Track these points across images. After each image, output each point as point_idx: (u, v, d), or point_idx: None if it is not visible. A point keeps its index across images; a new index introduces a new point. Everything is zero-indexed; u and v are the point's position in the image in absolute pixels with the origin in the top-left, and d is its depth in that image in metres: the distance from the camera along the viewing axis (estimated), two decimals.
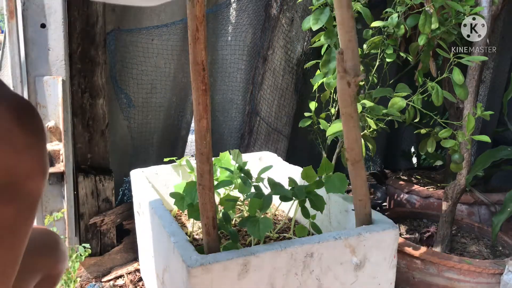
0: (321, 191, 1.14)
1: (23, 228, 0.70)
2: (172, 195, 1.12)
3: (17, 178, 0.64)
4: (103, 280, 1.58)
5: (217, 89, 2.00)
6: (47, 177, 0.70)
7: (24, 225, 0.70)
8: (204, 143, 0.87)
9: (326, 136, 1.41)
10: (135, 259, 1.67)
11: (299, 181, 1.23)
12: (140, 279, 1.57)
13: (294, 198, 1.08)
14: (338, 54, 0.91)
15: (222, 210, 1.08)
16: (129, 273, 1.61)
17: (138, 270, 1.61)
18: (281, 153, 2.01)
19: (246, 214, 1.25)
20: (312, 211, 1.11)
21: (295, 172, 1.39)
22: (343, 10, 0.89)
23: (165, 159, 1.51)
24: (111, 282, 1.56)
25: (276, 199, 1.12)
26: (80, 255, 1.40)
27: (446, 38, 1.35)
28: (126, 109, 1.77)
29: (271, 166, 1.21)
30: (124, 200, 1.83)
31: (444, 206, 1.47)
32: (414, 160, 2.41)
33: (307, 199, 1.09)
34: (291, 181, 1.12)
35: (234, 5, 1.89)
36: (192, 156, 1.60)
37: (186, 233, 1.28)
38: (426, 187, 1.85)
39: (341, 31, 0.91)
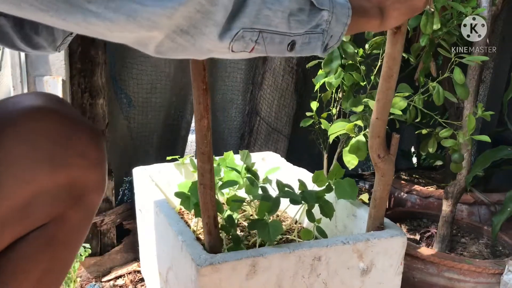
0: (329, 195, 1.14)
1: (82, 236, 0.75)
2: (178, 194, 1.12)
3: (86, 190, 0.70)
4: (103, 280, 1.57)
5: (217, 89, 2.00)
6: (104, 193, 0.74)
7: (83, 233, 0.75)
8: (205, 142, 0.87)
9: (328, 135, 1.41)
10: (135, 259, 1.66)
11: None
12: (141, 280, 1.57)
13: (303, 202, 1.08)
14: None
15: (228, 210, 1.08)
16: (129, 273, 1.60)
17: (138, 271, 1.61)
18: (281, 153, 2.01)
19: (250, 215, 1.25)
20: (318, 215, 1.11)
21: (299, 174, 1.38)
22: None
23: (168, 157, 1.51)
24: (111, 282, 1.56)
25: (281, 200, 1.11)
26: (80, 255, 1.40)
27: (447, 38, 1.35)
28: (126, 109, 1.76)
29: (278, 168, 1.21)
30: (124, 200, 1.82)
31: (444, 206, 1.48)
32: (414, 160, 2.41)
33: (316, 204, 1.08)
34: (301, 184, 1.12)
35: None
36: (192, 156, 1.60)
37: None
38: (426, 187, 1.85)
39: None
